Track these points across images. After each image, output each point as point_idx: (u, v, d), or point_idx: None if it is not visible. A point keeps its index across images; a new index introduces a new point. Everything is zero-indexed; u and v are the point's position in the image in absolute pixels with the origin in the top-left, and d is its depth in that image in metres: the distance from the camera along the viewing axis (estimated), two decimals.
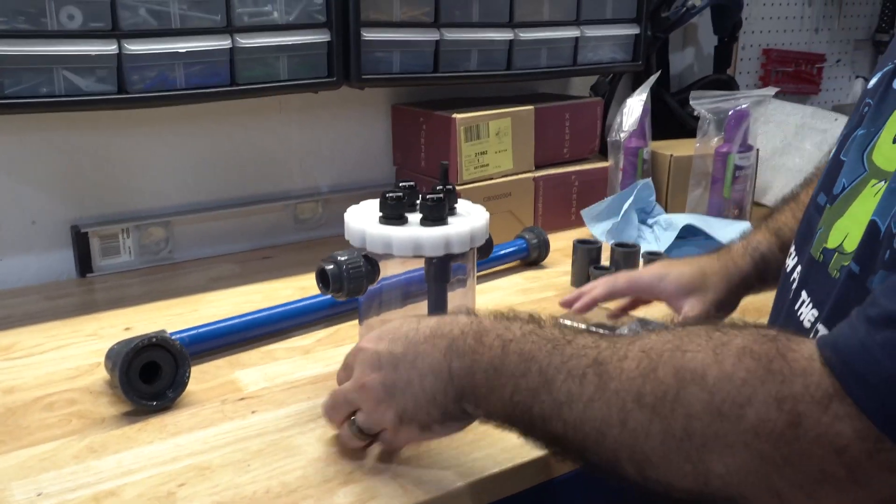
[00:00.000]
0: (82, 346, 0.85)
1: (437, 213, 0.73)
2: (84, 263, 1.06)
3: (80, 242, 1.05)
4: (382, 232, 0.72)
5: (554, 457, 0.53)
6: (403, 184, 0.78)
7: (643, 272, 0.83)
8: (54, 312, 0.94)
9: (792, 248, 0.68)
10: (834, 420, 0.41)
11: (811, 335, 0.58)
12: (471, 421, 0.58)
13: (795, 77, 1.79)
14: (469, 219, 0.76)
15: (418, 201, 0.78)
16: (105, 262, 1.07)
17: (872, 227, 0.53)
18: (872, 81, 0.64)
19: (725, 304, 0.78)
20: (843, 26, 1.88)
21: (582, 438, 0.48)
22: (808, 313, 0.60)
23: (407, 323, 0.59)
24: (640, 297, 0.85)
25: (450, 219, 0.75)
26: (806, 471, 0.42)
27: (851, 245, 0.56)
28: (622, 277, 0.84)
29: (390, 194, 0.73)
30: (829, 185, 0.64)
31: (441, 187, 0.77)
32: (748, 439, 0.42)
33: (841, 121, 1.33)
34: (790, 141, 1.37)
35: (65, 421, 0.70)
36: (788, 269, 0.67)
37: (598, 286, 0.84)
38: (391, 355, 0.58)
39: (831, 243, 0.59)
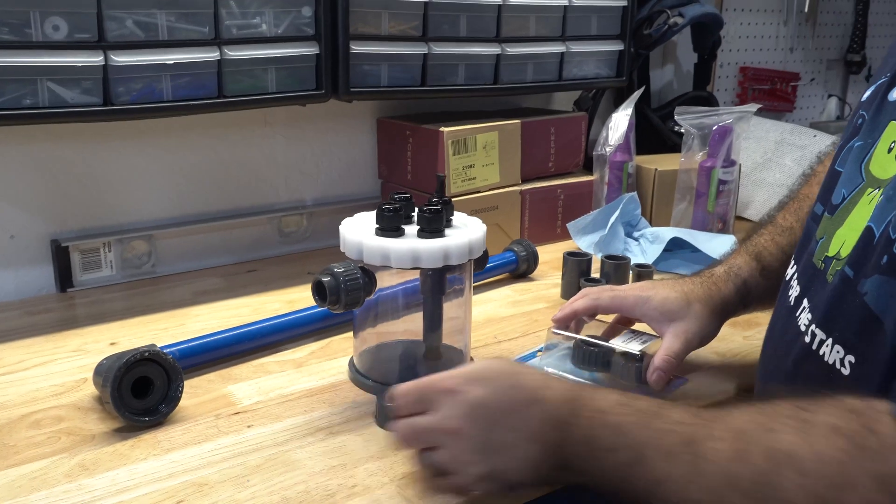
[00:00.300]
0: (67, 361, 0.83)
1: (434, 225, 0.73)
2: (64, 278, 1.04)
3: (61, 257, 1.03)
4: (380, 244, 0.71)
5: None
6: (398, 195, 0.78)
7: (628, 292, 0.81)
8: (35, 328, 0.92)
9: (792, 260, 0.69)
10: None
11: (808, 338, 0.59)
12: (567, 483, 0.58)
13: (771, 94, 1.83)
14: (466, 230, 0.76)
15: (414, 213, 0.78)
16: (86, 277, 1.05)
17: (867, 233, 0.55)
18: (867, 94, 0.66)
19: (707, 332, 0.78)
20: (817, 46, 1.93)
21: None
22: (804, 317, 0.61)
23: (502, 376, 0.58)
24: (623, 316, 0.84)
25: (446, 231, 0.75)
26: None
27: (846, 251, 0.58)
28: (606, 295, 0.82)
29: (387, 206, 0.73)
30: (827, 195, 0.65)
31: (437, 199, 0.77)
32: None
33: (820, 137, 1.36)
34: (770, 156, 1.39)
35: (53, 438, 0.68)
36: (787, 279, 0.68)
37: (581, 299, 0.82)
38: (486, 410, 0.56)
39: (832, 251, 0.60)
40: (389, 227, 0.73)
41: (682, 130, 1.43)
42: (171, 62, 0.91)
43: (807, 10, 1.85)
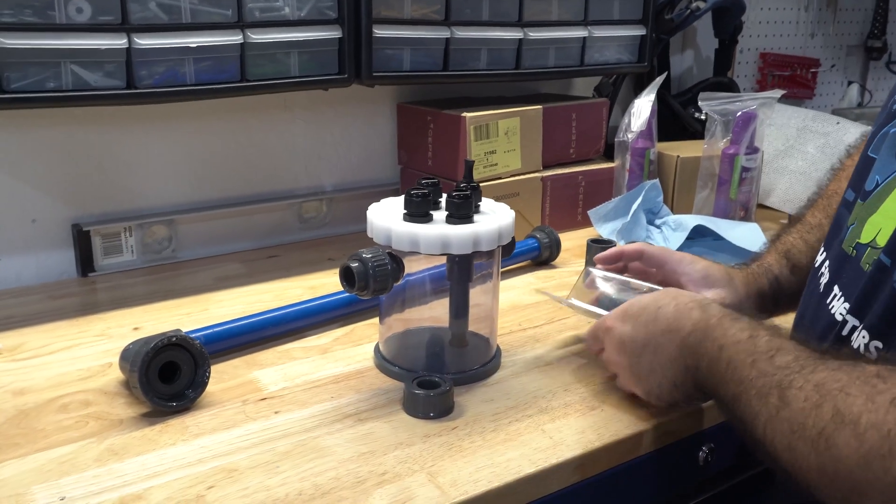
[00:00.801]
0: (91, 346, 0.83)
1: (464, 211, 0.72)
2: (85, 263, 1.03)
3: (82, 241, 1.03)
4: (409, 229, 0.70)
5: (753, 453, 0.56)
6: (426, 181, 0.77)
7: (675, 251, 0.85)
8: (58, 312, 0.92)
9: (822, 247, 0.68)
10: None
11: (843, 329, 0.59)
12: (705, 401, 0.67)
13: (791, 81, 1.81)
14: (495, 217, 0.75)
15: (441, 199, 0.77)
16: (107, 262, 1.05)
17: None
18: None
19: (742, 310, 0.78)
20: (837, 32, 1.90)
21: (764, 450, 0.53)
22: (839, 307, 0.61)
23: (647, 310, 0.67)
24: (664, 270, 0.84)
25: (475, 217, 0.74)
26: None
27: (883, 239, 0.57)
28: (656, 247, 0.86)
29: (416, 191, 0.72)
30: (860, 181, 0.64)
31: (466, 185, 0.76)
32: (890, 492, 0.44)
33: (843, 124, 1.34)
34: (792, 143, 1.37)
35: (81, 423, 0.68)
36: (817, 265, 0.67)
37: (633, 245, 0.86)
38: (633, 342, 0.67)
39: (864, 238, 0.60)
40: (418, 212, 0.72)
41: (703, 117, 1.41)
42: (195, 45, 0.90)
43: None
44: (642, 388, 0.67)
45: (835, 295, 0.62)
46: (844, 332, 0.59)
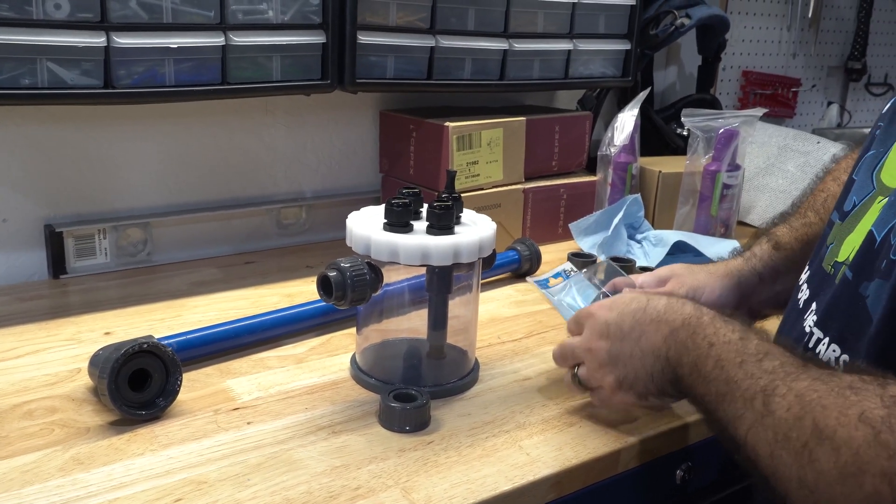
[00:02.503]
0: (60, 350, 0.81)
1: (445, 222, 0.71)
2: (57, 264, 1.01)
3: (54, 242, 1.00)
4: (389, 239, 0.69)
5: (732, 455, 0.57)
6: (406, 190, 0.76)
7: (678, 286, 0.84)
8: (27, 315, 0.89)
9: (806, 266, 0.69)
10: None
11: (810, 341, 0.60)
12: (680, 399, 0.65)
13: (772, 100, 1.82)
14: (476, 228, 0.74)
15: (423, 209, 0.76)
16: (79, 264, 1.03)
17: (870, 237, 0.57)
18: (887, 106, 0.67)
19: (703, 289, 0.81)
20: (819, 52, 1.92)
21: (745, 454, 0.53)
22: (810, 319, 0.62)
23: (637, 300, 0.66)
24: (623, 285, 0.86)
25: (456, 228, 0.73)
26: None
27: (852, 255, 0.58)
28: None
29: (396, 201, 0.71)
30: (841, 202, 0.66)
31: (447, 195, 0.75)
32: None
33: (823, 144, 1.35)
34: (773, 162, 1.38)
35: (46, 430, 0.66)
36: (799, 283, 0.68)
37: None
38: (619, 328, 0.66)
39: (841, 256, 0.61)
40: (398, 222, 0.71)
41: (686, 133, 1.42)
42: (175, 46, 0.89)
43: (810, 15, 1.84)
44: (616, 374, 0.66)
45: (811, 310, 0.63)
46: (811, 345, 0.61)
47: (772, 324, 0.93)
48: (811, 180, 0.99)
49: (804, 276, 0.68)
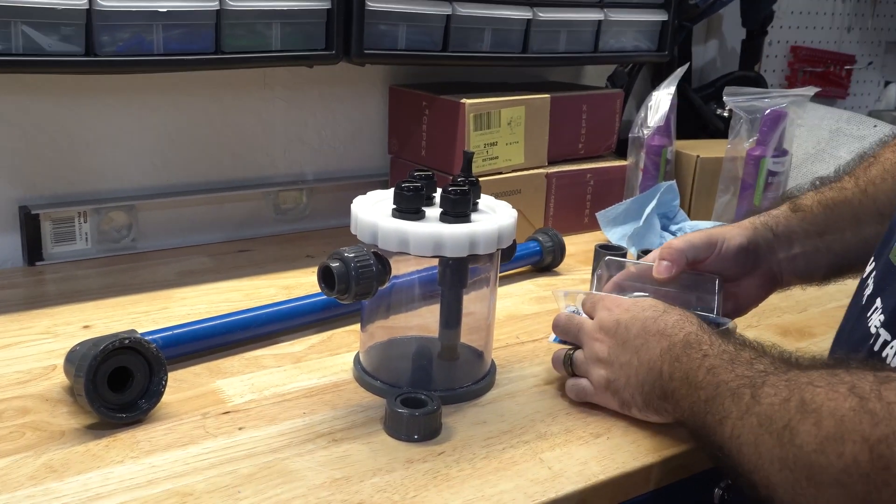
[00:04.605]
0: (34, 345, 0.80)
1: (460, 208, 0.70)
2: (33, 250, 1.01)
3: (30, 226, 1.00)
4: (398, 227, 0.68)
5: (714, 463, 0.60)
6: (419, 173, 0.75)
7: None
8: None
9: (871, 258, 0.67)
10: None
11: (875, 343, 0.58)
12: (667, 419, 0.67)
13: (823, 78, 1.80)
14: (495, 216, 0.73)
15: (436, 194, 0.75)
16: (57, 250, 1.02)
17: None
18: None
19: (720, 239, 0.80)
20: (876, 26, 1.89)
21: (728, 452, 0.56)
22: (875, 319, 0.61)
23: (654, 307, 0.69)
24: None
25: (472, 215, 0.72)
26: None
27: None
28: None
29: (407, 184, 0.70)
30: None
31: (463, 179, 0.73)
32: (843, 478, 0.47)
33: (880, 127, 1.32)
34: (824, 147, 1.36)
35: (16, 434, 0.65)
36: (864, 276, 0.66)
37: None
38: (626, 331, 0.69)
39: None
40: (409, 208, 0.70)
41: (727, 114, 1.39)
42: (165, 10, 0.88)
43: None
44: (609, 374, 0.70)
45: (875, 308, 0.62)
46: (876, 347, 0.59)
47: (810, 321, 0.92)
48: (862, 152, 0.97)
49: (870, 269, 0.66)
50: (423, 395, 0.69)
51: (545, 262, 1.06)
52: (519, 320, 0.92)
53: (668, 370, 0.64)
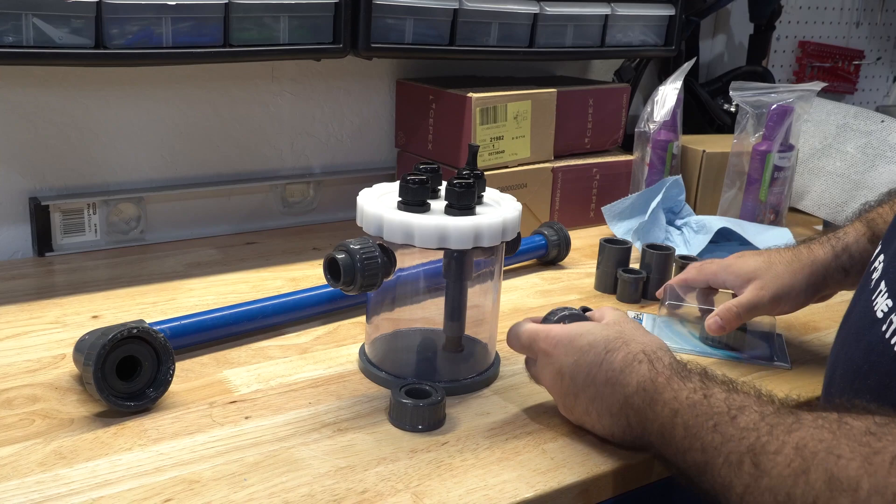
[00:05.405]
0: (43, 334, 0.81)
1: (465, 201, 0.70)
2: (43, 241, 1.01)
3: (40, 217, 1.01)
4: (403, 219, 0.69)
5: None
6: (424, 166, 0.75)
7: (714, 262, 0.87)
8: (9, 295, 0.90)
9: (879, 245, 0.66)
10: None
11: (885, 326, 0.57)
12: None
13: (831, 73, 1.79)
14: (500, 209, 0.73)
15: (441, 187, 0.75)
16: (67, 241, 1.03)
17: None
18: None
19: (788, 291, 0.80)
20: (885, 21, 1.88)
21: None
22: (882, 303, 0.60)
23: (594, 349, 0.65)
24: (709, 285, 0.87)
25: (477, 208, 0.72)
26: None
27: None
28: (693, 267, 0.89)
29: (413, 177, 0.70)
30: None
31: (468, 172, 0.74)
32: None
33: (888, 123, 1.32)
34: (831, 142, 1.36)
35: (26, 421, 0.66)
36: (871, 259, 0.65)
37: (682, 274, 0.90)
38: (572, 380, 0.65)
39: None
40: (414, 200, 0.70)
41: (733, 109, 1.39)
42: (173, 3, 0.88)
43: None
44: (574, 419, 0.67)
45: (881, 291, 0.61)
46: (888, 335, 0.58)
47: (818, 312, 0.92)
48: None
49: (876, 251, 0.65)
50: (428, 385, 0.69)
51: (550, 255, 1.07)
52: (524, 313, 0.92)
53: (636, 422, 0.61)
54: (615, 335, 0.66)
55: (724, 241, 1.15)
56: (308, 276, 0.99)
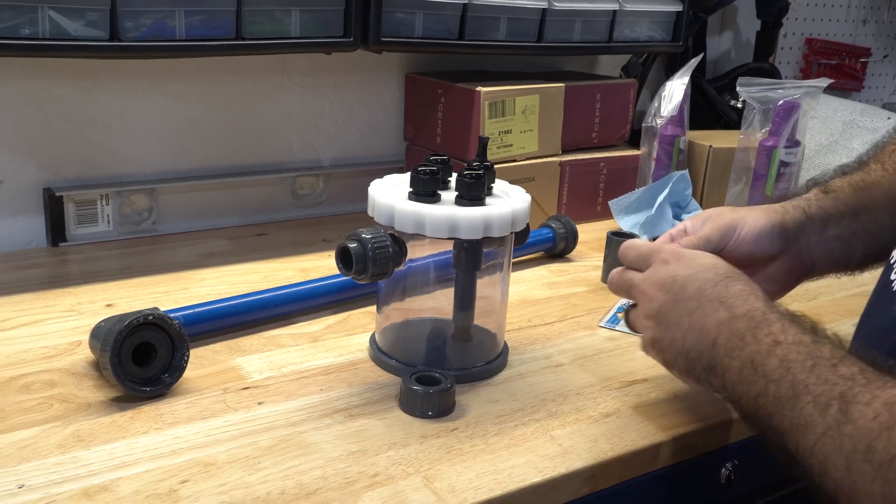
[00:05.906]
0: (59, 322, 0.82)
1: (475, 192, 0.71)
2: (57, 231, 1.03)
3: (54, 207, 1.02)
4: (414, 209, 0.70)
5: (782, 467, 0.55)
6: (435, 157, 0.76)
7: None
8: (24, 284, 0.91)
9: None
10: None
11: None
12: (706, 391, 0.63)
13: (838, 71, 1.79)
14: (509, 200, 0.74)
15: (451, 178, 0.76)
16: (80, 231, 1.04)
17: None
18: None
19: (745, 226, 0.72)
20: (892, 19, 1.88)
21: (808, 466, 0.51)
22: None
23: (716, 268, 0.64)
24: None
25: (487, 199, 0.73)
26: None
27: None
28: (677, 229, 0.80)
29: (424, 168, 0.71)
30: None
31: (478, 163, 0.75)
32: None
33: (894, 119, 1.33)
34: (837, 139, 1.36)
35: (45, 405, 0.67)
36: (892, 261, 0.65)
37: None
38: (682, 288, 0.63)
39: None
40: (425, 191, 0.71)
41: (740, 105, 1.40)
42: None
43: None
44: (655, 332, 0.65)
45: None
46: None
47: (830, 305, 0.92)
48: (879, 141, 0.95)
49: (894, 255, 0.66)
50: (438, 373, 0.70)
51: (558, 248, 1.08)
52: (531, 304, 0.93)
53: (723, 344, 0.59)
54: (740, 274, 0.64)
55: None
56: (318, 266, 1.00)
